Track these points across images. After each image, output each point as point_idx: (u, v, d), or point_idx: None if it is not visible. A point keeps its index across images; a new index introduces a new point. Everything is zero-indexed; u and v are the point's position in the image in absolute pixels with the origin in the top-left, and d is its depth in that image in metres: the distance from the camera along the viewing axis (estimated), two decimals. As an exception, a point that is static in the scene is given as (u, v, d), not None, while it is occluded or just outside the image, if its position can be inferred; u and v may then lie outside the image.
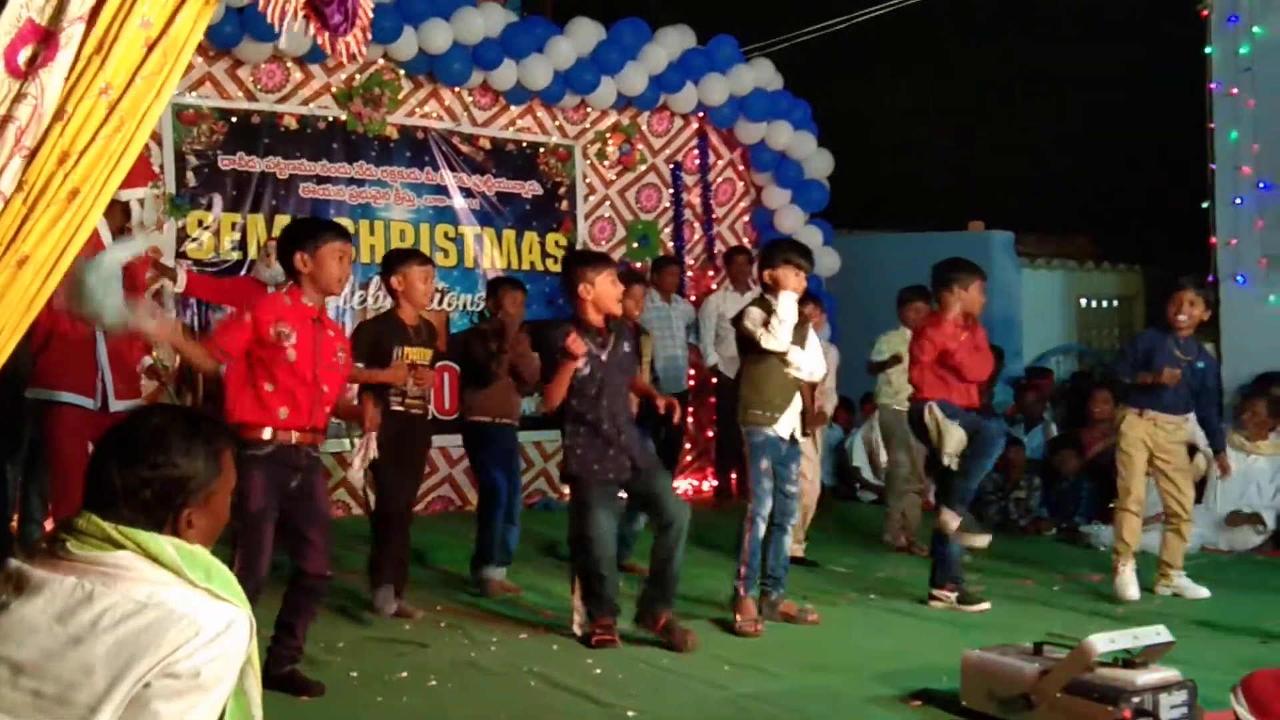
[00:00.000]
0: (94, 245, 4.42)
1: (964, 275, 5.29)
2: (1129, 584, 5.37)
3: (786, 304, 4.81)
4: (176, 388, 5.68)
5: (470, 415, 5.60)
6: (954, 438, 5.07)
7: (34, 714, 1.68)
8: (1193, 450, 6.14)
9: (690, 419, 8.67)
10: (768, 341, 4.78)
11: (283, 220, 7.00)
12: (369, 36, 2.36)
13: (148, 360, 4.99)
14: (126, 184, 4.52)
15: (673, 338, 8.01)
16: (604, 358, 4.55)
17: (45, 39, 2.09)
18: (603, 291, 4.55)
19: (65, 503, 4.41)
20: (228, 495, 1.93)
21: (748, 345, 4.92)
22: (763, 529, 4.81)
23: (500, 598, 5.34)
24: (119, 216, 4.62)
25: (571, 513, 4.61)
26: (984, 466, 5.19)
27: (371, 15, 2.39)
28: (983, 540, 5.18)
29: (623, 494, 4.86)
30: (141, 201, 4.71)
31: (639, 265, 8.43)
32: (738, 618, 4.72)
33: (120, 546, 1.76)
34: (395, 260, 4.91)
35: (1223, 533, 6.72)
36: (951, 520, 5.10)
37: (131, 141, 2.23)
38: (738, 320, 4.97)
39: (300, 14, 2.29)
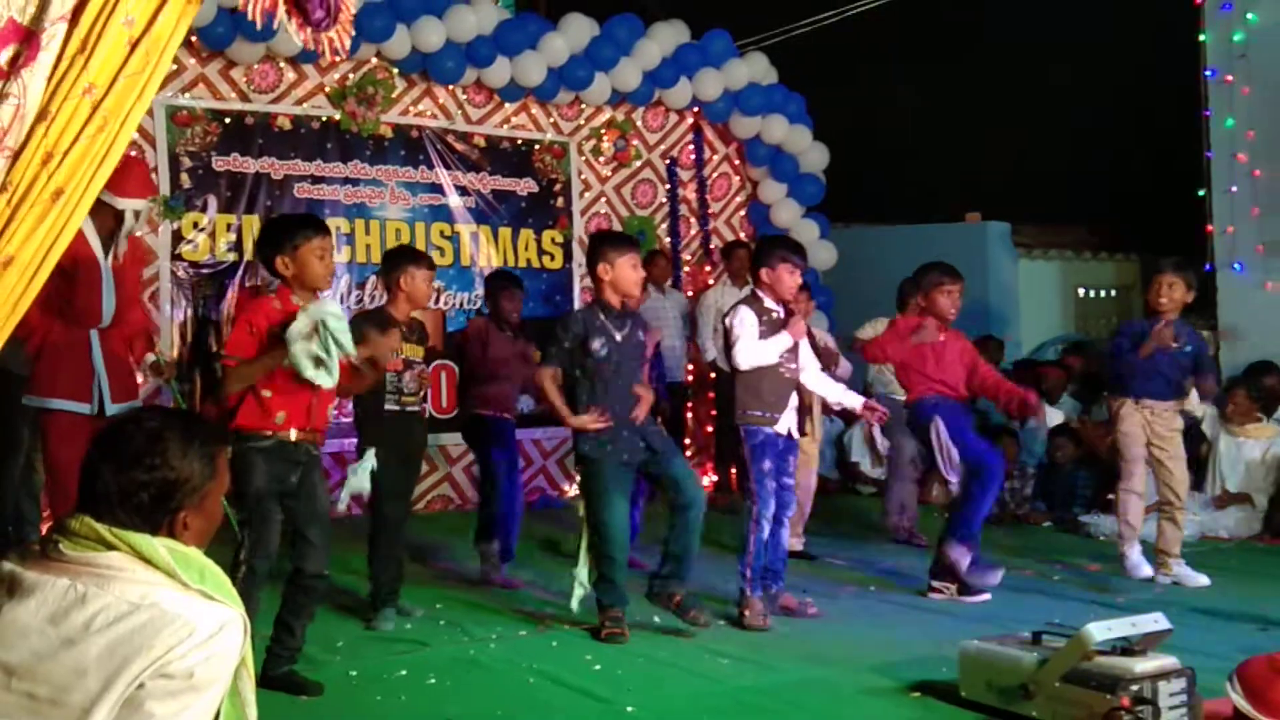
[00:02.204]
0: (80, 247, 4.43)
1: (924, 278, 5.30)
2: (1140, 564, 5.38)
3: (779, 343, 4.79)
4: (179, 385, 5.67)
5: (473, 409, 5.64)
6: (951, 462, 5.07)
7: (28, 716, 1.68)
8: (1195, 432, 6.15)
9: (689, 413, 8.68)
10: (735, 354, 4.78)
11: (278, 222, 6.99)
12: (352, 31, 2.35)
13: (151, 357, 4.99)
14: (129, 193, 4.54)
15: (668, 328, 8.05)
16: (619, 339, 4.58)
17: (27, 39, 2.08)
18: (622, 274, 4.58)
19: (62, 507, 4.40)
20: (221, 496, 1.93)
21: (731, 347, 4.91)
22: (767, 530, 4.82)
23: (498, 591, 5.35)
24: (111, 222, 4.61)
25: (588, 497, 4.61)
26: (989, 497, 5.15)
27: (354, 10, 2.38)
28: (994, 579, 5.10)
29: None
30: (137, 214, 4.72)
31: None
32: (745, 614, 4.74)
33: (113, 548, 1.76)
34: (403, 259, 4.90)
35: (1214, 515, 6.73)
36: (962, 559, 5.06)
37: (115, 141, 2.22)
38: (726, 316, 4.95)
39: (282, 10, 2.28)
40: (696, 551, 4.66)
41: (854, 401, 5.11)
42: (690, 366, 8.54)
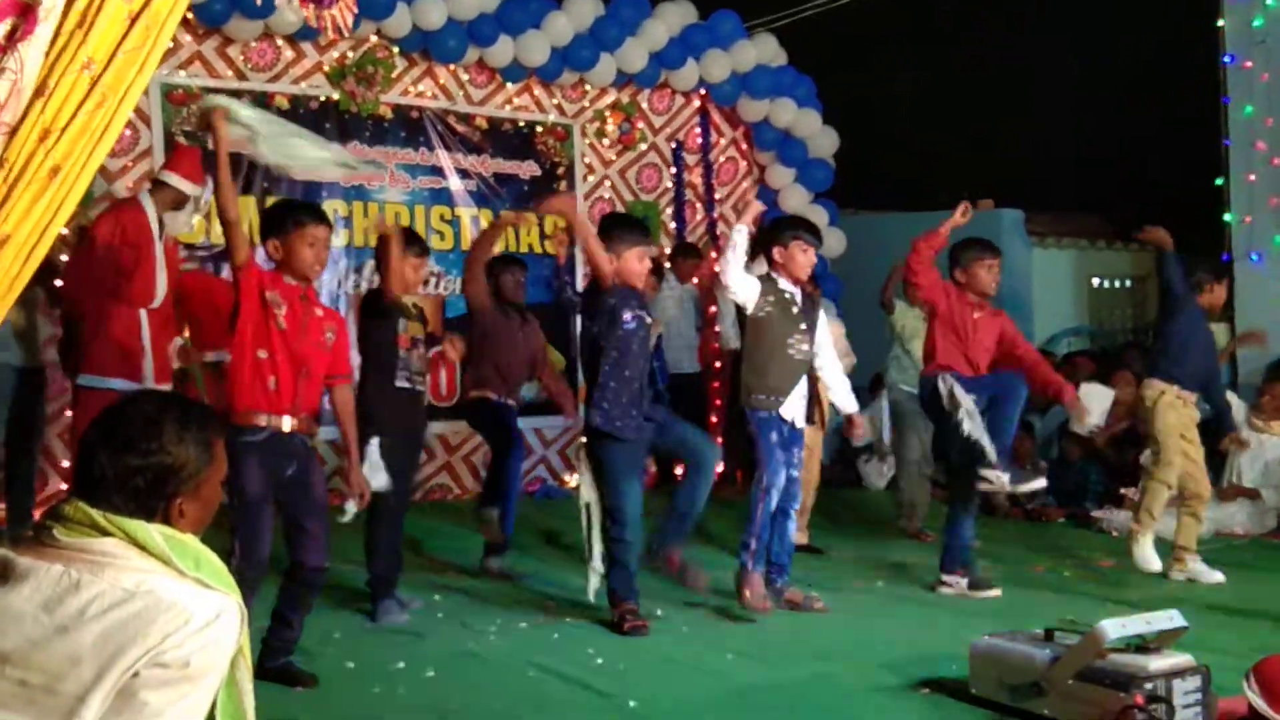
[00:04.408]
0: (144, 227, 4.51)
1: (963, 254, 5.25)
2: (1151, 558, 5.32)
3: (739, 239, 4.70)
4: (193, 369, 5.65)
5: (473, 391, 5.59)
6: (966, 407, 5.01)
7: (20, 704, 1.65)
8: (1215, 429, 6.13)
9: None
10: (722, 269, 4.72)
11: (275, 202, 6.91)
12: (355, 9, 2.30)
13: (178, 340, 5.03)
14: (198, 179, 4.59)
15: (683, 318, 8.04)
16: (647, 318, 4.61)
17: (24, 12, 2.06)
18: (626, 267, 4.57)
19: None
20: (218, 483, 1.91)
21: (744, 326, 4.85)
22: (775, 500, 4.73)
23: (497, 583, 5.30)
24: (167, 205, 4.70)
25: (601, 481, 4.57)
26: (1011, 417, 5.10)
27: (358, -12, 2.33)
28: (1038, 484, 5.18)
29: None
30: (197, 200, 4.82)
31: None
32: (746, 593, 4.63)
33: (107, 534, 1.74)
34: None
35: (1225, 510, 6.67)
36: (999, 478, 5.00)
37: (114, 118, 2.21)
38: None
39: (286, -13, 2.23)
40: (700, 511, 4.65)
41: (851, 407, 5.11)
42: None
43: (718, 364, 8.32)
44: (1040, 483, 5.21)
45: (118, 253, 4.61)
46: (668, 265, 8.36)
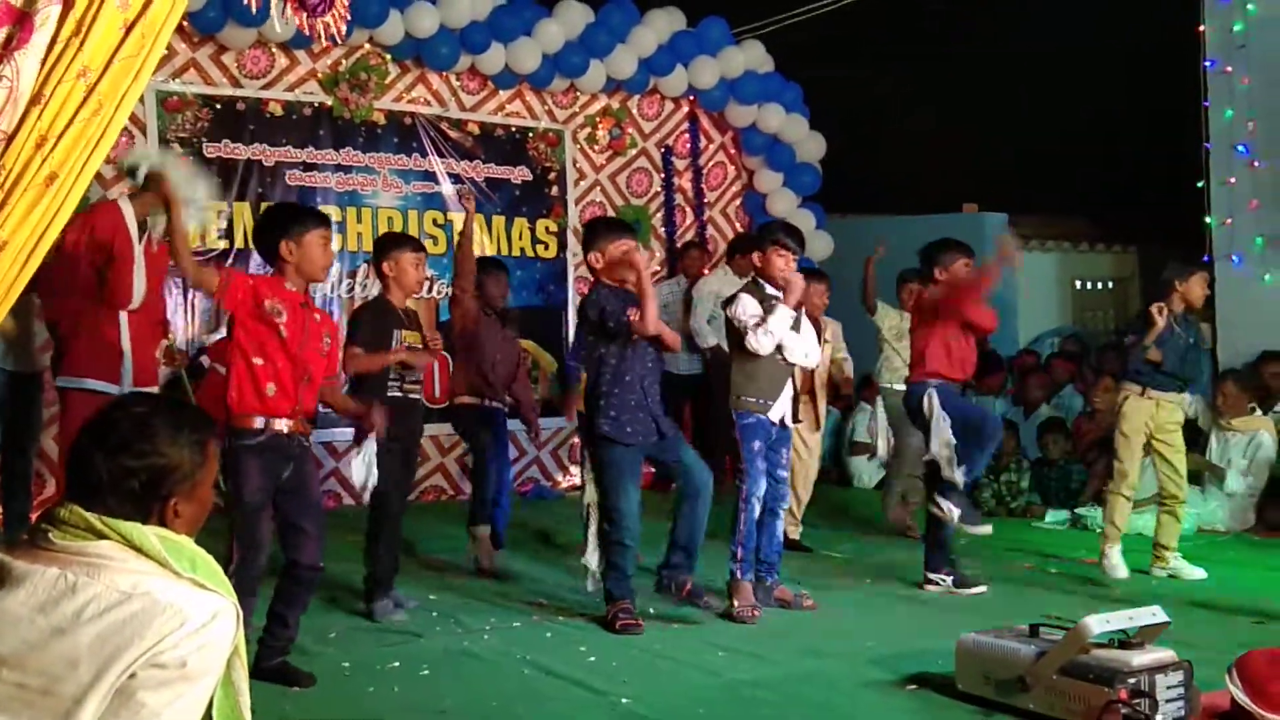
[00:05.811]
0: (118, 228, 4.51)
1: (943, 255, 5.28)
2: (1119, 565, 5.44)
3: (781, 316, 4.73)
4: (189, 371, 5.67)
5: (459, 397, 5.61)
6: (943, 436, 5.04)
7: (18, 707, 1.66)
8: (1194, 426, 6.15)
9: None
10: (751, 343, 4.73)
11: (270, 208, 6.94)
12: (347, 16, 2.32)
13: (165, 343, 5.03)
14: None
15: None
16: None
17: (20, 20, 2.06)
18: (614, 261, 4.54)
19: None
20: (211, 484, 1.92)
21: (737, 334, 4.88)
22: (758, 510, 4.78)
23: (491, 582, 5.33)
24: (148, 208, 4.72)
25: (601, 482, 4.59)
26: (983, 457, 5.16)
27: (349, -4, 2.36)
28: (984, 530, 5.21)
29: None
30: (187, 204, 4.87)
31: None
32: (735, 602, 4.68)
33: (103, 537, 1.75)
34: (388, 245, 4.87)
35: (1203, 504, 6.74)
36: (950, 511, 5.08)
37: (110, 125, 2.20)
38: (728, 305, 4.92)
39: (277, -5, 2.26)
40: (702, 539, 4.67)
41: (815, 360, 5.10)
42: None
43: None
44: (986, 529, 5.23)
45: (87, 253, 4.58)
46: (656, 269, 8.39)
